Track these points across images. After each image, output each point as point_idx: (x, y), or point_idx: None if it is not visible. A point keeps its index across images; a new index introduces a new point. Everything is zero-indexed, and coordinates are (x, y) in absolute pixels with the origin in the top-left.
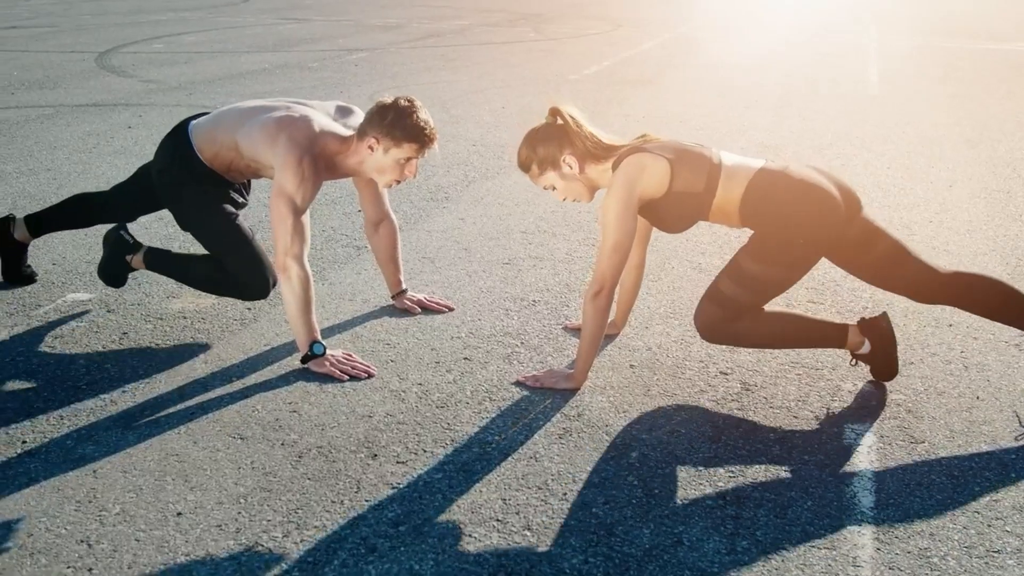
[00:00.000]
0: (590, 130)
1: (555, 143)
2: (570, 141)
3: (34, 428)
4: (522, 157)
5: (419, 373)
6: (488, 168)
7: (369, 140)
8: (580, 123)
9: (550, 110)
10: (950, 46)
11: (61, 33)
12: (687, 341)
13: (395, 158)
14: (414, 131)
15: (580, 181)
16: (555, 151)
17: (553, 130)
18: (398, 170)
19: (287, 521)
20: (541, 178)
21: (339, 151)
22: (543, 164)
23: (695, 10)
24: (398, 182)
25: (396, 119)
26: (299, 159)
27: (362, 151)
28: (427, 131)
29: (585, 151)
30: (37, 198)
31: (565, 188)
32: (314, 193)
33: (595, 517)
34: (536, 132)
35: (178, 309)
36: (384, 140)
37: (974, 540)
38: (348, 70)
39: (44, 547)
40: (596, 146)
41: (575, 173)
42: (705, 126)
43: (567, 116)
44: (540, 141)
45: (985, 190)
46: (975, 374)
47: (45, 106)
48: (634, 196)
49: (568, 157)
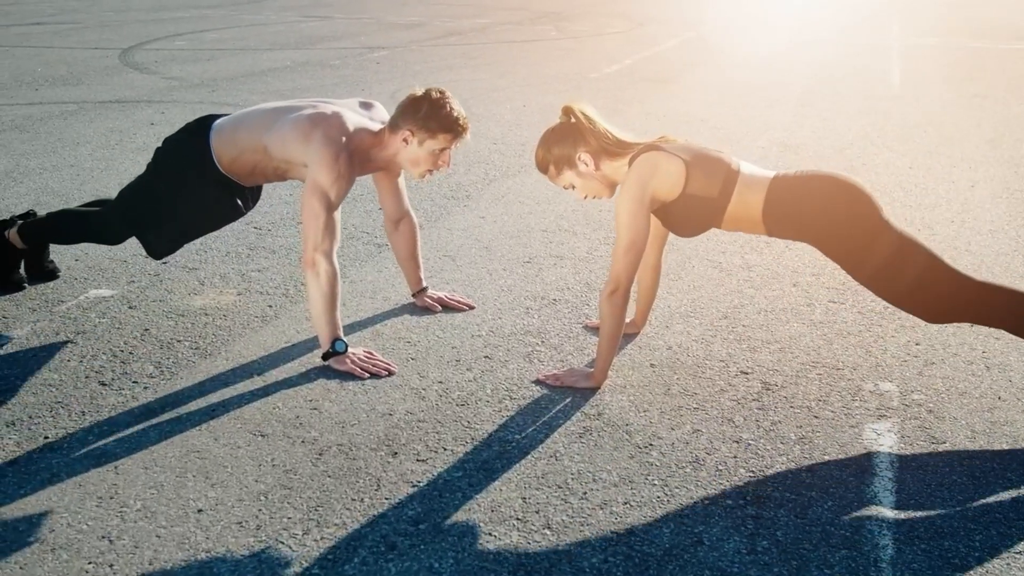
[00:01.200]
0: (604, 127)
1: (569, 141)
2: (584, 139)
3: (56, 424)
4: (539, 158)
5: (440, 371)
6: (509, 166)
7: (404, 133)
8: (593, 120)
9: (563, 108)
10: (972, 46)
11: (85, 29)
12: (707, 340)
13: (430, 149)
14: (448, 122)
15: (597, 178)
16: (570, 150)
17: (567, 129)
18: (432, 160)
19: (307, 519)
20: (559, 178)
21: (373, 145)
22: (559, 163)
23: (716, 9)
24: (431, 172)
25: (431, 111)
26: (336, 155)
27: (396, 144)
28: (461, 121)
29: (599, 148)
30: (60, 194)
31: (583, 186)
32: (348, 189)
33: (615, 516)
34: (551, 132)
35: (200, 306)
36: (419, 132)
37: (996, 541)
38: (370, 68)
39: (65, 543)
40: (610, 143)
41: (591, 171)
42: (725, 125)
43: (579, 114)
44: (555, 141)
45: (1007, 190)
46: (997, 374)
47: (68, 102)
48: (647, 195)
49: (583, 155)
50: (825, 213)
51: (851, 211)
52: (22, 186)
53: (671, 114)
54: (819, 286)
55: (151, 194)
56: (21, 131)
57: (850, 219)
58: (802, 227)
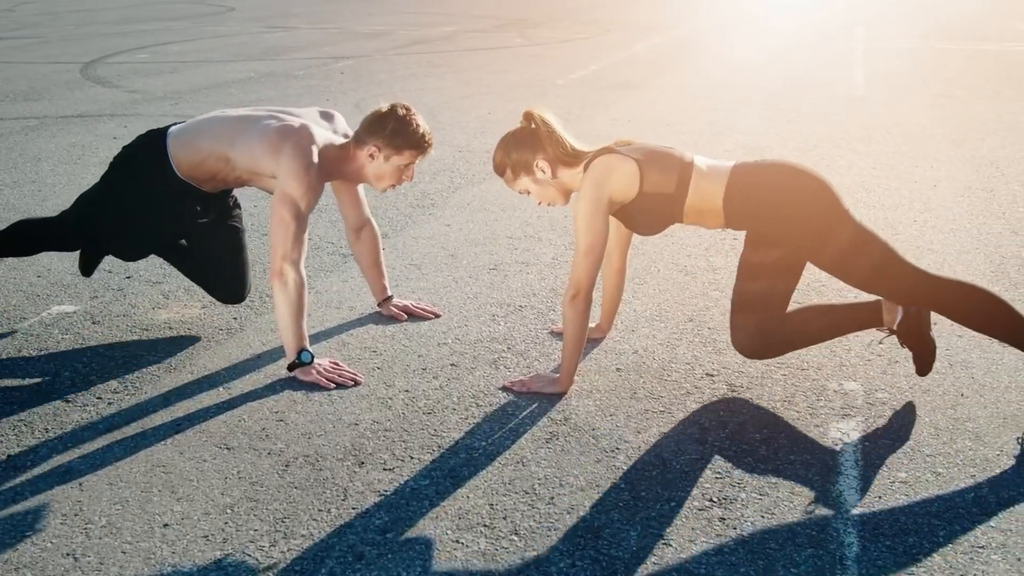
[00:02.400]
0: (561, 135)
1: (528, 148)
2: (543, 146)
3: (19, 442)
4: (497, 161)
5: (406, 380)
6: (474, 174)
7: (370, 148)
8: (552, 128)
9: (524, 114)
10: (936, 47)
11: (46, 44)
12: (673, 344)
13: (395, 164)
14: (414, 139)
15: (553, 186)
16: (528, 156)
17: (527, 134)
18: (397, 175)
19: (274, 531)
20: (515, 183)
21: (338, 158)
22: (517, 168)
23: (683, 15)
24: (394, 187)
25: (397, 128)
26: (306, 167)
27: (361, 158)
28: (427, 138)
29: (556, 156)
30: (21, 210)
31: (539, 192)
32: (317, 200)
33: (582, 520)
34: (511, 136)
35: (164, 320)
36: (385, 148)
37: (959, 536)
38: (334, 77)
39: (30, 561)
40: (566, 152)
41: (548, 178)
42: (691, 129)
43: (539, 120)
44: (514, 146)
45: (969, 189)
46: (959, 372)
47: (29, 117)
48: (603, 198)
49: (541, 162)
50: (786, 201)
51: (811, 199)
52: None
53: (637, 119)
54: None
55: (106, 200)
56: None
57: (810, 207)
58: (762, 215)
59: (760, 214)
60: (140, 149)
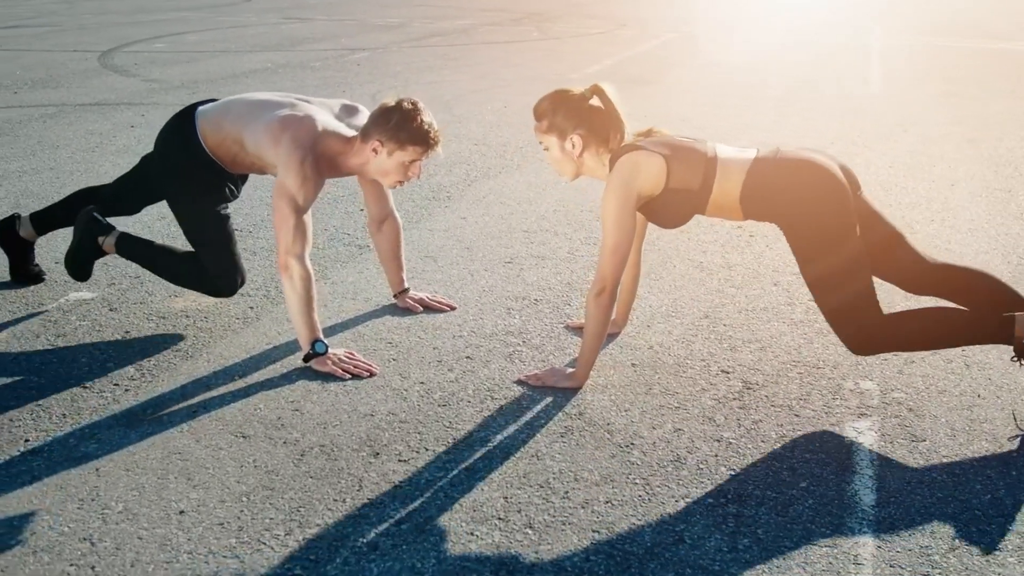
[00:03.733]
0: (621, 122)
1: (575, 118)
2: (590, 125)
3: (37, 427)
4: (541, 108)
5: (421, 372)
6: (490, 167)
7: (373, 143)
8: (615, 111)
9: (592, 86)
10: (953, 45)
11: (64, 32)
12: (688, 339)
13: (399, 161)
14: (418, 134)
15: (574, 162)
16: (570, 126)
17: (582, 105)
18: (402, 172)
19: (289, 519)
20: (544, 136)
21: (342, 151)
22: (552, 128)
23: (698, 10)
24: (401, 183)
25: (400, 122)
26: (301, 160)
27: (365, 153)
28: (431, 134)
29: (600, 140)
30: (40, 197)
31: (556, 159)
32: (316, 193)
33: (597, 515)
34: (566, 97)
35: (180, 308)
36: (388, 143)
37: (975, 538)
38: (350, 69)
39: (47, 545)
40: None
41: (574, 153)
42: (706, 125)
43: (607, 100)
44: (564, 107)
45: (987, 189)
46: (976, 372)
47: (48, 105)
48: (631, 196)
49: (576, 137)
50: (800, 197)
51: (825, 197)
52: (1, 189)
53: (652, 115)
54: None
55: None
56: (0, 135)
57: (822, 205)
58: (776, 207)
59: (774, 213)
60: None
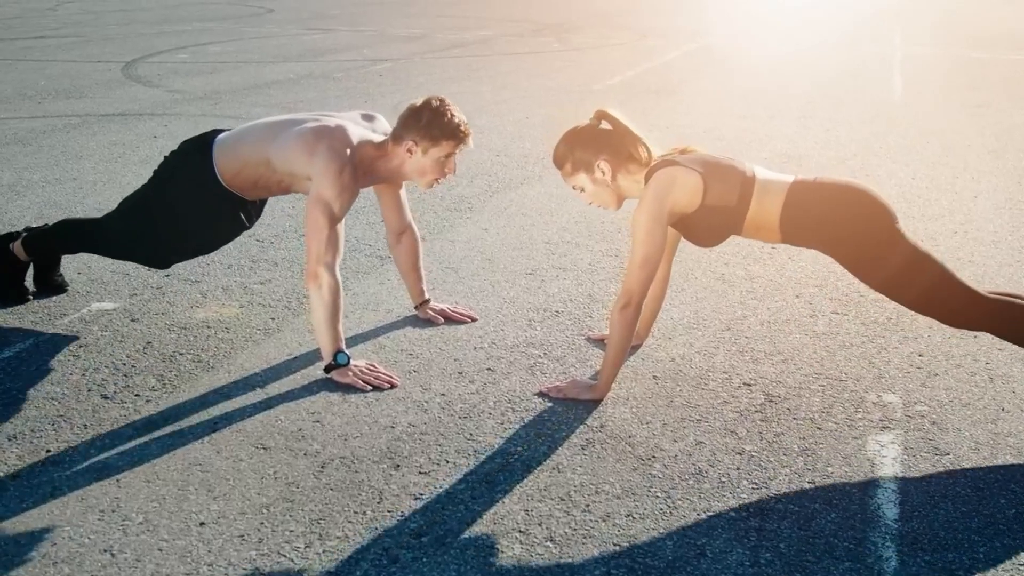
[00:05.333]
0: (638, 138)
1: (593, 147)
2: (610, 148)
3: (58, 437)
4: (559, 153)
5: (442, 383)
6: (511, 178)
7: (407, 143)
8: (629, 129)
9: (597, 112)
10: (975, 56)
11: (88, 43)
12: (710, 352)
13: (434, 157)
14: (450, 128)
15: (610, 189)
16: (591, 155)
17: (595, 133)
18: (438, 168)
19: (309, 532)
20: (572, 178)
21: (377, 157)
22: (577, 165)
23: (719, 20)
24: (438, 181)
25: (432, 119)
26: (340, 169)
27: (400, 154)
28: (462, 127)
29: (624, 159)
30: (63, 207)
31: (593, 193)
32: (351, 202)
33: (618, 528)
34: (577, 132)
35: (202, 319)
36: (423, 141)
37: (1000, 553)
38: (373, 80)
39: (67, 556)
40: (633, 158)
41: (607, 180)
42: (728, 136)
43: (616, 120)
44: (579, 142)
45: (1010, 201)
46: (1000, 386)
47: (71, 115)
48: (664, 210)
49: (603, 163)
50: (843, 221)
51: (868, 221)
52: (24, 199)
53: (675, 125)
54: (822, 297)
55: (151, 208)
56: (24, 144)
57: (867, 229)
58: (818, 234)
59: (813, 236)
60: (186, 157)
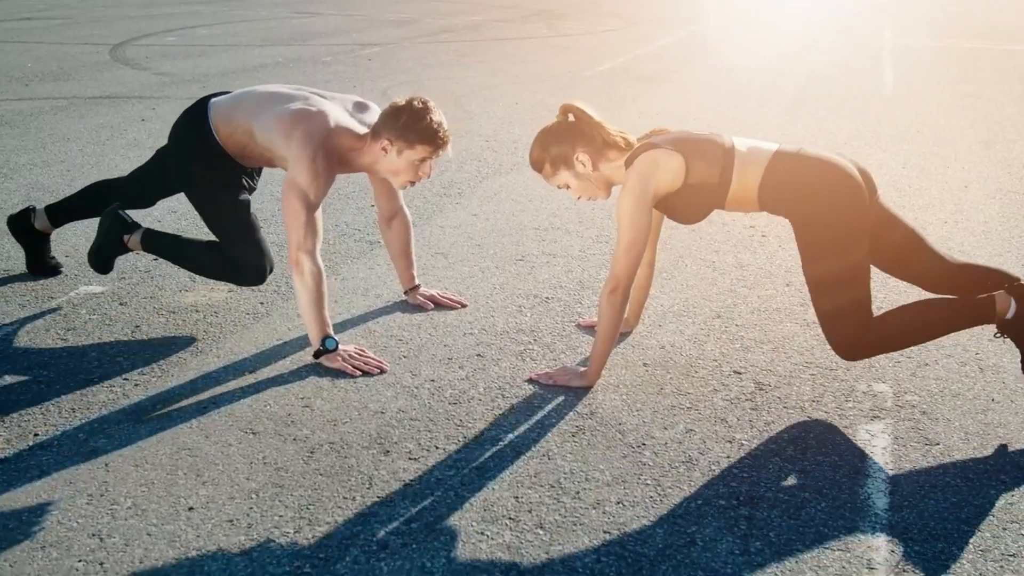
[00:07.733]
0: (604, 126)
1: (568, 141)
2: (584, 138)
3: (46, 421)
4: (534, 156)
5: (432, 369)
6: (501, 164)
7: (383, 142)
8: (593, 118)
9: (562, 107)
10: (965, 47)
11: (75, 25)
12: (700, 339)
13: (408, 160)
14: (427, 133)
15: (594, 179)
16: (568, 149)
17: (565, 128)
18: (412, 171)
19: (299, 517)
20: (555, 177)
21: (353, 148)
22: (556, 163)
23: (709, 8)
24: (412, 183)
25: (409, 121)
26: (313, 155)
27: (375, 151)
28: (440, 133)
29: (601, 146)
30: (50, 190)
31: (579, 187)
32: (327, 189)
33: (608, 516)
34: (548, 131)
35: (191, 302)
36: (397, 142)
37: (989, 543)
38: (361, 64)
39: (55, 540)
40: (608, 144)
41: (589, 171)
42: (718, 124)
43: (579, 112)
44: (552, 140)
45: (1000, 191)
46: (990, 376)
47: (59, 98)
48: (648, 194)
49: (581, 155)
50: (816, 205)
51: (840, 214)
52: (12, 182)
53: (664, 112)
54: None
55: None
56: (11, 127)
57: (835, 223)
58: (792, 209)
59: (789, 208)
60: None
